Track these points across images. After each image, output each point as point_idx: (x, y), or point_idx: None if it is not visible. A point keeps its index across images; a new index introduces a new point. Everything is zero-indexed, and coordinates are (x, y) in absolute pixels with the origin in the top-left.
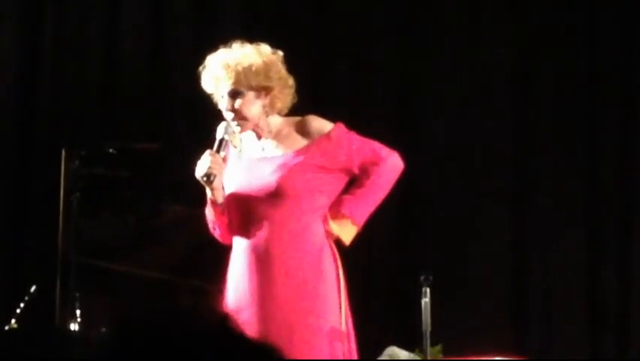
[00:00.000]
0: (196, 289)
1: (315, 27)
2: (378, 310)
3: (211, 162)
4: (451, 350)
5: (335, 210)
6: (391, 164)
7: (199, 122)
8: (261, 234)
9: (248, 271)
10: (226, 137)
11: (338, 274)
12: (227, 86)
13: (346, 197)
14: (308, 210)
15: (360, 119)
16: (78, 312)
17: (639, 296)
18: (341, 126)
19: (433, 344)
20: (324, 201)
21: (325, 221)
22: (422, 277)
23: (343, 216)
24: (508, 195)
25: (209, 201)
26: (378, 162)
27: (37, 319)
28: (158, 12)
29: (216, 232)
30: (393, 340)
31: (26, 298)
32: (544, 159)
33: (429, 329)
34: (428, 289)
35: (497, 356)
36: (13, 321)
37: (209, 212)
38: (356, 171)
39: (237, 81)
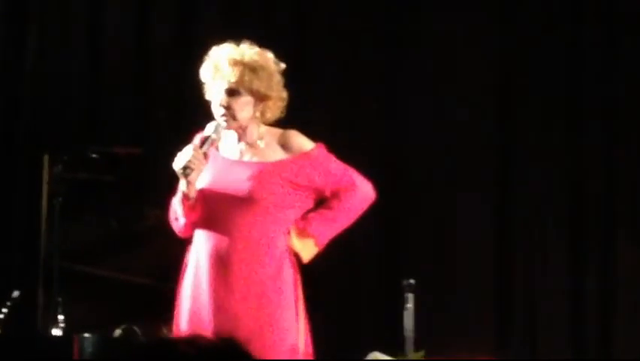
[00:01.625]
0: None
1: (300, 37)
2: (361, 315)
3: (192, 155)
4: (434, 356)
5: (301, 227)
6: (363, 193)
7: (183, 126)
8: (225, 237)
9: (208, 271)
10: (214, 136)
11: (297, 288)
12: (227, 82)
13: (314, 217)
14: (274, 223)
15: (345, 121)
16: (61, 317)
17: (623, 301)
18: (321, 147)
19: (416, 350)
20: (291, 216)
21: (288, 235)
22: (404, 283)
23: (308, 235)
24: (491, 200)
25: (180, 194)
26: (351, 189)
27: (20, 324)
28: (142, 16)
29: (177, 224)
30: (376, 345)
31: (9, 303)
32: (528, 162)
33: (412, 334)
34: (411, 295)
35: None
36: None
37: (176, 203)
38: (327, 193)
39: (240, 81)
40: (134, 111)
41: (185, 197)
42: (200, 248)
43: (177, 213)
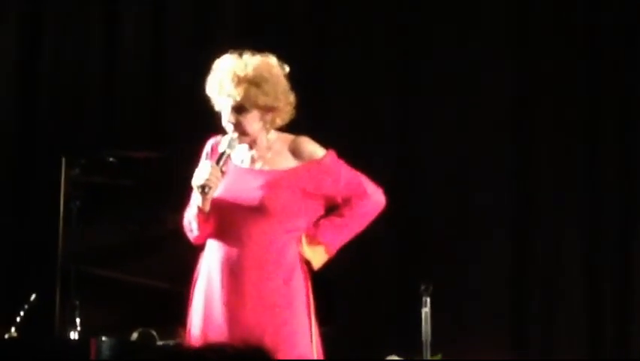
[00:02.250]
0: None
1: (315, 52)
2: (378, 319)
3: (210, 173)
4: (452, 359)
5: (312, 235)
6: (375, 201)
7: (199, 131)
8: (236, 246)
9: (220, 280)
10: (228, 150)
11: (308, 296)
12: (233, 99)
13: (325, 224)
14: (285, 231)
15: (360, 131)
16: (78, 320)
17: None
18: (332, 154)
19: (433, 353)
20: (303, 224)
21: (299, 243)
22: (422, 287)
23: (318, 243)
24: (508, 204)
25: (196, 208)
26: (362, 197)
27: (37, 327)
28: (156, 19)
29: (192, 234)
30: (393, 348)
31: (26, 306)
32: (544, 171)
33: (429, 338)
34: (428, 299)
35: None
36: (12, 329)
37: (190, 215)
38: (339, 200)
39: (246, 98)
40: (152, 115)
41: (201, 211)
42: (212, 257)
43: (191, 225)
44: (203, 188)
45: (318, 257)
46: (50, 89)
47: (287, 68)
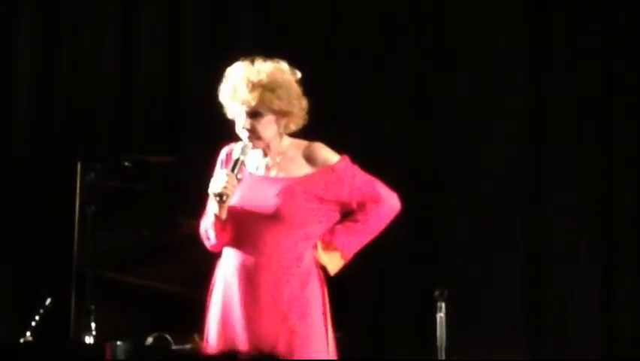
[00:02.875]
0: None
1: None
2: (393, 324)
3: (226, 181)
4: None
5: (327, 240)
6: (389, 204)
7: (214, 135)
8: (253, 253)
9: (237, 287)
10: (242, 157)
11: (324, 302)
12: (247, 105)
13: (340, 229)
14: (302, 237)
15: (374, 136)
16: (93, 324)
17: None
18: (346, 160)
19: (448, 358)
20: (318, 230)
21: (315, 249)
22: (437, 292)
23: (334, 248)
24: (525, 211)
25: (213, 217)
26: (377, 201)
27: (52, 331)
28: (173, 26)
29: (209, 242)
30: (408, 353)
31: (41, 310)
32: (561, 179)
33: (444, 343)
34: (443, 304)
35: None
36: (28, 334)
37: (207, 224)
38: (354, 206)
39: (260, 103)
40: (167, 119)
41: (218, 219)
42: (229, 264)
43: (208, 234)
44: (220, 196)
45: (334, 263)
46: (66, 94)
47: (298, 74)
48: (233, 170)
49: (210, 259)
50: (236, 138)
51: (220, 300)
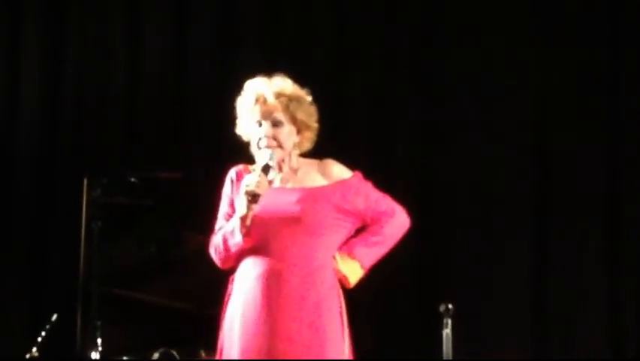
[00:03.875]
0: (217, 319)
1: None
2: (398, 340)
3: (259, 182)
4: None
5: (346, 251)
6: (402, 219)
7: (221, 151)
8: (275, 261)
9: (259, 295)
10: (270, 163)
11: (342, 313)
12: (271, 113)
13: (358, 241)
14: (323, 247)
15: (379, 148)
16: (99, 340)
17: None
18: (359, 175)
19: None
20: (337, 239)
21: (334, 260)
22: (443, 308)
23: (354, 259)
24: (530, 223)
25: (238, 221)
26: (390, 215)
27: (58, 347)
28: (180, 40)
29: (222, 255)
30: None
31: (47, 326)
32: (567, 188)
33: (450, 358)
34: (449, 320)
35: None
36: (34, 350)
37: (229, 235)
38: (368, 220)
39: (285, 111)
40: (173, 135)
41: (243, 222)
42: (248, 274)
43: (228, 243)
44: (254, 196)
45: (354, 273)
46: (73, 110)
47: (309, 95)
48: (265, 172)
49: (216, 275)
50: (242, 159)
51: (240, 310)
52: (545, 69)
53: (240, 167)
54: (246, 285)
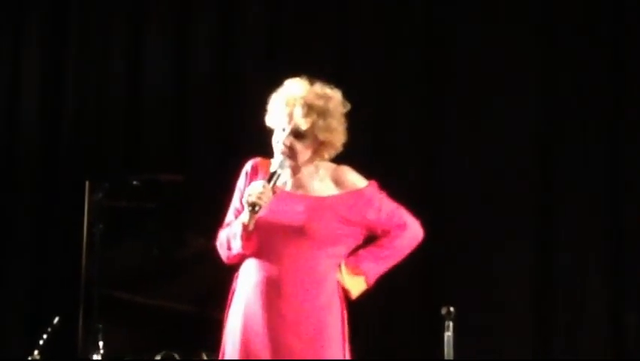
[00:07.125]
0: (219, 321)
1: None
2: (400, 342)
3: (262, 192)
4: None
5: (352, 264)
6: (413, 232)
7: (223, 154)
8: (278, 267)
9: (261, 301)
10: (280, 171)
11: (344, 323)
12: (295, 123)
13: (365, 255)
14: (326, 256)
15: (383, 153)
16: (101, 343)
17: None
18: (374, 185)
19: None
20: (342, 250)
21: (338, 270)
22: (444, 311)
23: (359, 273)
24: (532, 229)
25: (241, 225)
26: (402, 228)
27: (60, 350)
28: (181, 41)
29: (227, 252)
30: None
31: (49, 329)
32: (568, 195)
33: None
34: (451, 323)
35: None
36: (36, 352)
37: (230, 232)
38: (379, 232)
39: (310, 128)
40: (175, 138)
41: (245, 228)
42: (251, 278)
43: (230, 243)
44: (253, 206)
45: (357, 287)
46: (74, 113)
47: (348, 106)
48: (269, 182)
49: (219, 278)
50: (253, 154)
51: (241, 314)
52: (547, 71)
53: (258, 160)
54: (247, 289)
